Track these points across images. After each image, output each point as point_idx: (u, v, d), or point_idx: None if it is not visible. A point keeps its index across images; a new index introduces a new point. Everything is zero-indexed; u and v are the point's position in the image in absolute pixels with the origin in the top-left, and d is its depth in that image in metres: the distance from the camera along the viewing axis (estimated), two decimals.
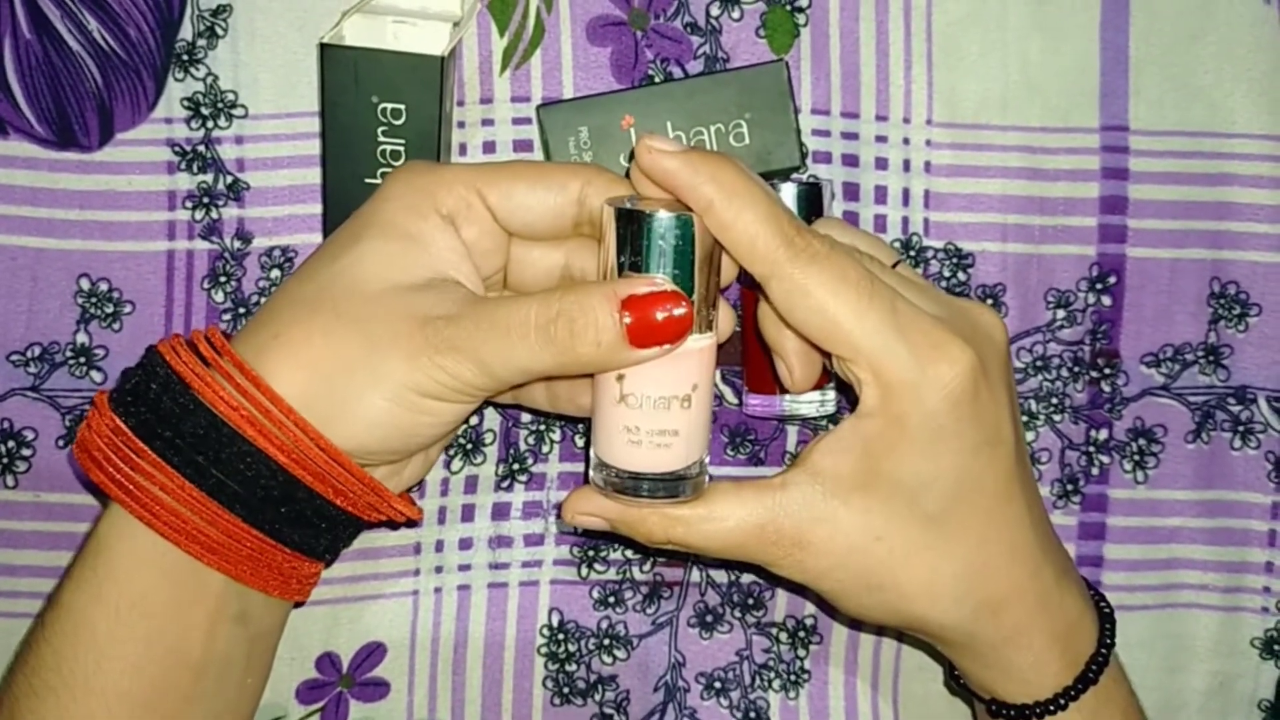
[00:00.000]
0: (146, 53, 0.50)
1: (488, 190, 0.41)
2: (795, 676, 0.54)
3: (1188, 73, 0.52)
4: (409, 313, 0.39)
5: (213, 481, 0.39)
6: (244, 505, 0.39)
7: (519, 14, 0.51)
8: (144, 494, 0.39)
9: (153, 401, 0.39)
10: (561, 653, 0.53)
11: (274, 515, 0.40)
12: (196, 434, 0.39)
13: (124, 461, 0.39)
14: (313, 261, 0.42)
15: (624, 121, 0.49)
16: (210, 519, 0.39)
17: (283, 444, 0.39)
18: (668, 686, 0.53)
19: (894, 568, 0.41)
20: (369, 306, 0.39)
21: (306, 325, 0.40)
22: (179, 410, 0.39)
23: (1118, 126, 0.52)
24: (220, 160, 0.51)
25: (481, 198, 0.41)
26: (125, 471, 0.39)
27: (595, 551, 0.53)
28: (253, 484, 0.39)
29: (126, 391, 0.40)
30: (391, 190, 0.41)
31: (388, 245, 0.40)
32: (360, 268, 0.40)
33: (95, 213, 0.51)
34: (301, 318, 0.40)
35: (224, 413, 0.39)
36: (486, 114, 0.51)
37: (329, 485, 0.40)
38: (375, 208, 0.41)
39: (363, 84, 0.47)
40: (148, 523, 0.39)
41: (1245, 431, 0.53)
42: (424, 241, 0.40)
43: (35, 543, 0.52)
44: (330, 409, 0.39)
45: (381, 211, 0.41)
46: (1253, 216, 0.53)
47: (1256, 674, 0.54)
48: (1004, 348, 0.43)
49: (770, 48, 0.51)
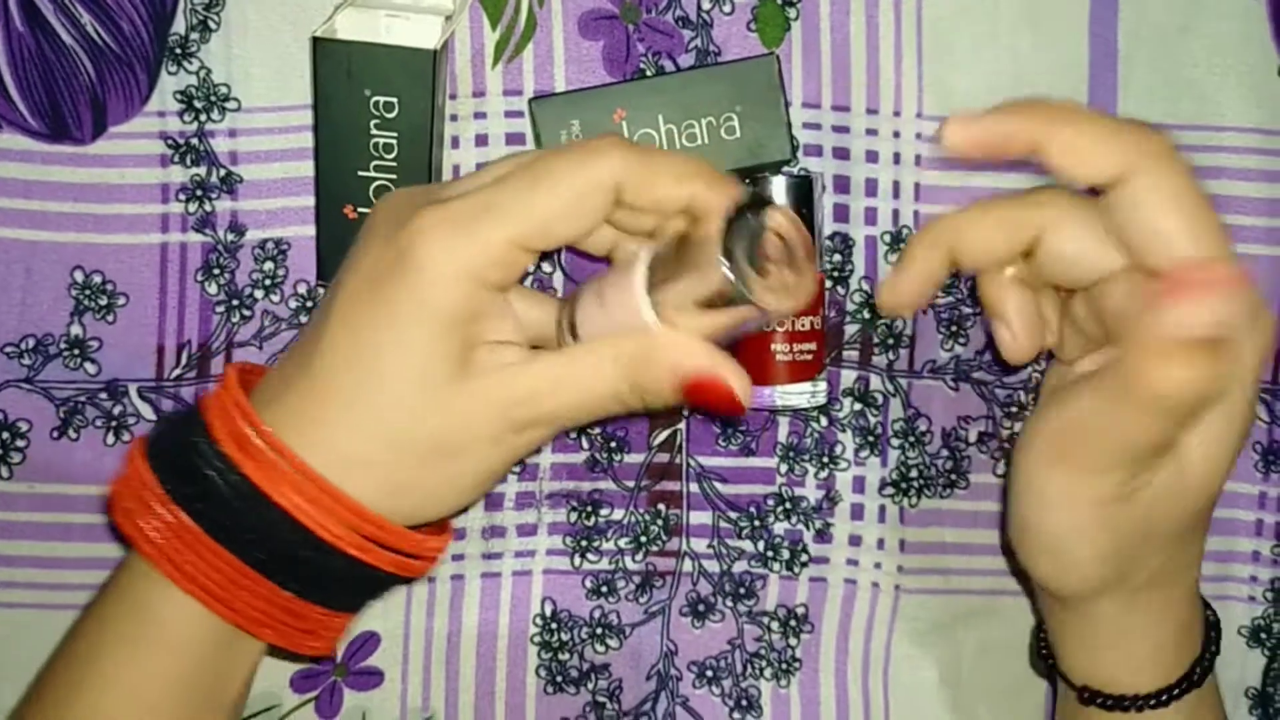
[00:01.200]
0: (139, 46, 0.51)
1: (528, 240, 0.39)
2: (787, 665, 0.54)
3: (1176, 65, 0.52)
4: (487, 411, 0.39)
5: (280, 575, 0.40)
6: (306, 587, 0.40)
7: (511, 7, 0.51)
8: (211, 584, 0.40)
9: (219, 499, 0.39)
10: (554, 642, 0.54)
11: (336, 591, 0.41)
12: (265, 531, 0.39)
13: (188, 549, 0.40)
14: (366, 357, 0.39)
15: (616, 115, 0.49)
16: (270, 599, 0.40)
17: (360, 544, 0.40)
18: (660, 675, 0.54)
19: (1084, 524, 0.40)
20: (451, 419, 0.39)
21: (401, 458, 0.40)
22: (248, 511, 0.39)
23: None
24: (213, 153, 0.51)
25: (524, 249, 0.39)
26: (192, 561, 0.40)
27: (588, 541, 0.53)
28: (323, 574, 0.40)
29: (182, 477, 0.40)
30: (434, 270, 0.38)
31: (449, 344, 0.39)
32: (430, 377, 0.39)
33: (89, 205, 0.51)
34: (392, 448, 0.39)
35: (303, 520, 0.39)
36: (479, 107, 0.51)
37: (399, 566, 0.41)
38: (419, 293, 0.38)
39: (355, 77, 0.47)
40: (215, 610, 0.40)
41: None
42: (480, 324, 0.39)
43: (30, 534, 0.52)
44: (415, 511, 0.41)
45: (430, 299, 0.38)
46: (1241, 209, 0.53)
47: (1243, 662, 0.55)
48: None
49: (761, 41, 0.52)
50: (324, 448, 0.39)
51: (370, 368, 0.39)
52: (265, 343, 0.52)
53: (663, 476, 0.53)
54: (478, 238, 0.38)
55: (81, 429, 0.52)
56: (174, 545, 0.40)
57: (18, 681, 0.52)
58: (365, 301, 0.39)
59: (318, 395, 0.40)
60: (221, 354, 0.52)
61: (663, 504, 0.53)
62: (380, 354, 0.39)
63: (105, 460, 0.52)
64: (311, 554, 0.39)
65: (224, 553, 0.39)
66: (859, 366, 0.53)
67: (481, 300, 0.39)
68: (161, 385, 0.52)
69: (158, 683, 0.41)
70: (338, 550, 0.39)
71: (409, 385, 0.39)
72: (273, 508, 0.39)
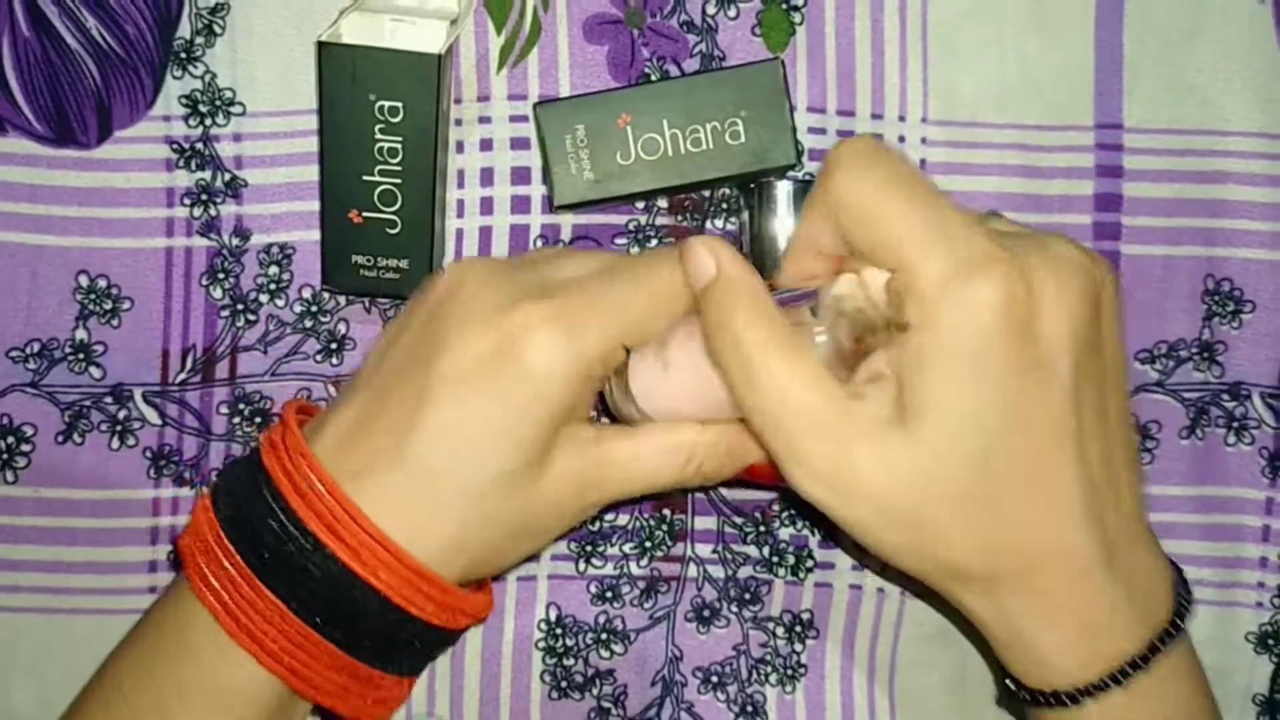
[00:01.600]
0: (145, 51, 0.51)
1: (628, 339, 0.41)
2: (792, 671, 0.54)
3: (1182, 71, 0.52)
4: (569, 494, 0.42)
5: (364, 651, 0.41)
6: (388, 660, 0.42)
7: (516, 12, 0.51)
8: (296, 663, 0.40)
9: (306, 580, 0.40)
10: (559, 647, 0.53)
11: (412, 656, 0.43)
12: (354, 610, 0.40)
13: (273, 627, 0.40)
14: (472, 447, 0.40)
15: (621, 119, 0.49)
16: (352, 673, 0.41)
17: (444, 617, 0.41)
18: (665, 681, 0.54)
19: (930, 506, 0.37)
20: (537, 505, 0.41)
21: (489, 541, 0.41)
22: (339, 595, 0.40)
23: (1112, 124, 0.52)
24: (218, 157, 0.51)
25: (624, 348, 0.41)
26: (275, 638, 0.40)
27: (593, 547, 0.53)
28: (405, 644, 0.41)
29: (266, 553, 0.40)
30: (548, 371, 0.40)
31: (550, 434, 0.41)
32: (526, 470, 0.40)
33: (94, 210, 0.51)
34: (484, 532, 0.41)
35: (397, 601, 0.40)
36: (484, 111, 0.51)
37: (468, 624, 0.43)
38: (534, 392, 0.40)
39: (360, 82, 0.47)
40: (296, 687, 0.41)
41: (1239, 427, 0.54)
42: (576, 412, 0.41)
43: (35, 538, 0.52)
44: (480, 574, 0.43)
45: (544, 398, 0.40)
46: (1246, 214, 0.53)
47: (1251, 668, 0.55)
48: (1083, 280, 0.37)
49: (766, 46, 0.52)
50: (417, 532, 0.40)
51: (470, 458, 0.40)
52: (270, 347, 0.52)
53: None
54: (588, 339, 0.40)
55: (86, 433, 0.52)
56: (257, 624, 0.40)
57: (22, 686, 0.52)
58: (470, 397, 0.40)
59: (411, 480, 0.40)
60: (226, 358, 0.52)
61: (667, 509, 0.53)
62: (482, 446, 0.40)
63: (110, 465, 0.52)
64: (401, 630, 0.41)
65: (308, 631, 0.40)
66: None
67: (583, 394, 0.41)
68: (166, 390, 0.52)
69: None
70: (426, 624, 0.41)
71: (504, 475, 0.40)
72: (367, 590, 0.40)
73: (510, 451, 0.40)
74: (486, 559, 0.42)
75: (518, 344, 0.39)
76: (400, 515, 0.40)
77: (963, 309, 0.36)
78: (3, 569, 0.52)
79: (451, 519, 0.40)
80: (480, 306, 0.41)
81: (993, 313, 0.36)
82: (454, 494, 0.40)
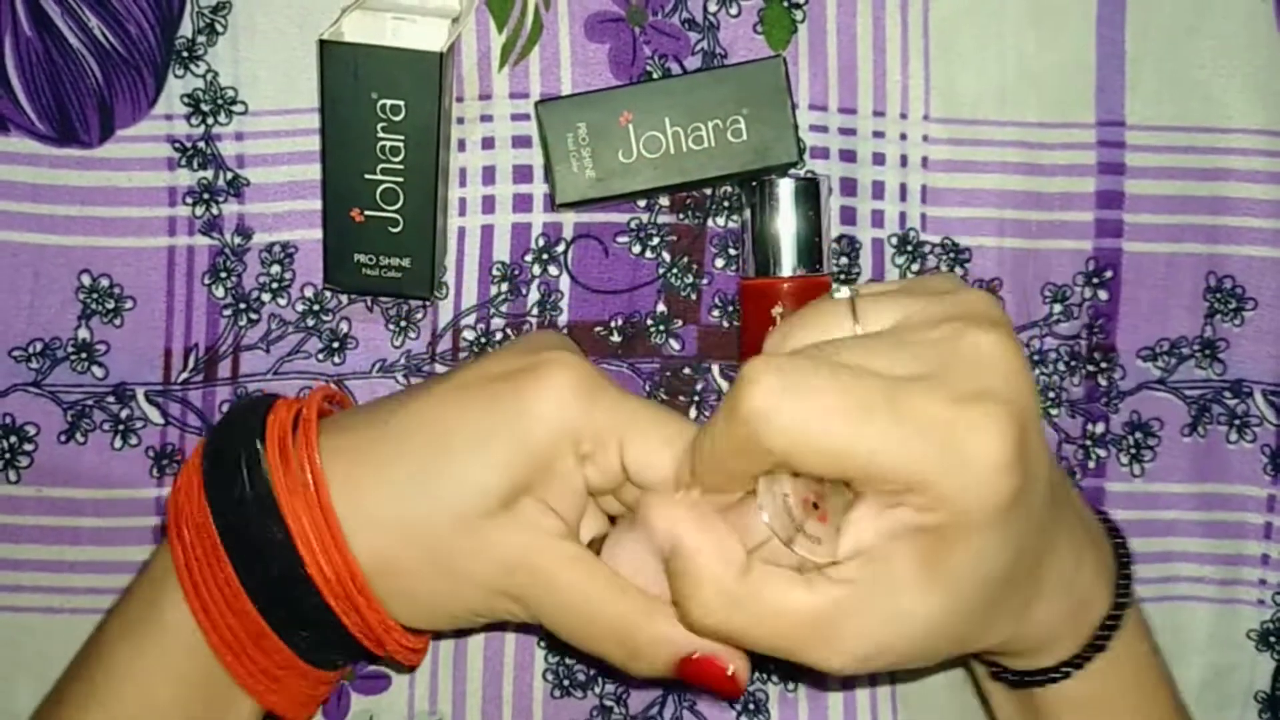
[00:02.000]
0: (147, 50, 0.51)
1: (628, 446, 0.39)
2: (795, 669, 0.54)
3: (1184, 67, 0.52)
4: (499, 558, 0.39)
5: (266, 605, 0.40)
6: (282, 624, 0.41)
7: (517, 10, 0.51)
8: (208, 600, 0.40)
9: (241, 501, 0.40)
10: (562, 644, 0.53)
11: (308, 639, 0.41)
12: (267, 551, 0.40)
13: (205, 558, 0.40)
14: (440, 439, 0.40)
15: (622, 117, 0.49)
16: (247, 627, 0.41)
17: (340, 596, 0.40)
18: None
19: (962, 643, 0.38)
20: (469, 544, 0.39)
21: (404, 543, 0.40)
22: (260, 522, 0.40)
23: (1114, 121, 0.52)
24: (220, 156, 0.51)
25: (619, 449, 0.39)
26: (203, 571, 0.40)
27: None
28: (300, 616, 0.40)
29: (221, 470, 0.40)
30: (541, 417, 0.39)
31: (515, 480, 0.39)
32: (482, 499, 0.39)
33: (96, 209, 0.51)
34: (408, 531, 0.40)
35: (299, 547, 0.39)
36: (485, 110, 0.51)
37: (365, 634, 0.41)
38: (522, 414, 0.39)
39: (362, 80, 0.47)
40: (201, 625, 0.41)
41: (1241, 425, 0.54)
42: (548, 481, 0.39)
43: (38, 537, 0.52)
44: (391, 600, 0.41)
45: (527, 427, 0.39)
46: (1248, 211, 0.53)
47: (1253, 666, 0.55)
48: (1017, 353, 0.36)
49: (768, 44, 0.52)
50: (353, 490, 0.40)
51: (438, 453, 0.39)
52: (272, 346, 0.52)
53: None
54: (598, 405, 0.39)
55: (89, 433, 0.52)
56: (192, 540, 0.40)
57: (27, 685, 0.52)
58: (470, 394, 0.40)
59: (377, 444, 0.40)
60: (229, 358, 0.52)
61: None
62: (454, 448, 0.39)
63: (113, 464, 0.52)
64: (293, 584, 0.40)
65: (221, 553, 0.40)
66: None
67: (563, 461, 0.39)
68: (169, 389, 0.52)
69: (169, 680, 0.41)
70: (316, 591, 0.40)
71: (459, 491, 0.39)
72: (280, 520, 0.39)
73: (478, 468, 0.39)
74: (397, 563, 0.40)
75: (535, 371, 0.39)
76: (347, 468, 0.40)
77: (974, 484, 0.34)
78: (6, 569, 0.52)
79: (388, 495, 0.39)
80: (533, 345, 0.41)
81: (998, 462, 0.34)
82: (405, 475, 0.39)
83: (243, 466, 0.40)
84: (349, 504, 0.40)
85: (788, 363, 0.34)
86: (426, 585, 0.40)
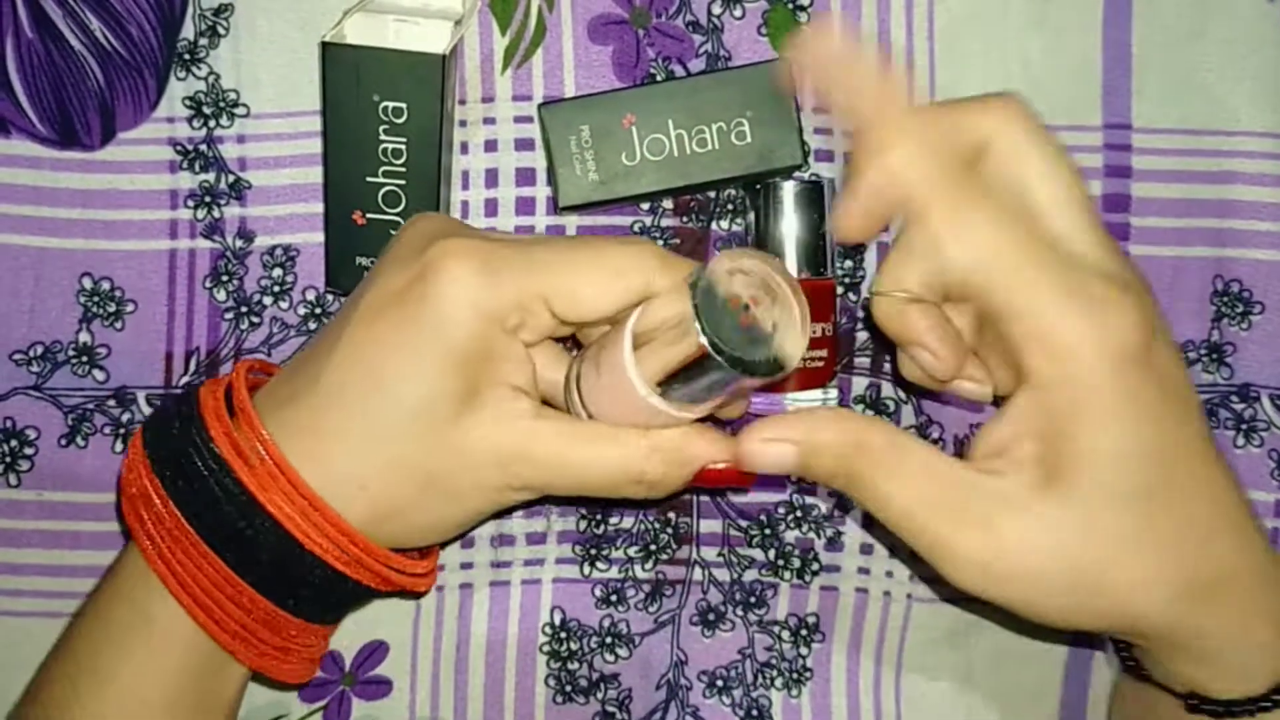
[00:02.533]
0: (148, 52, 0.51)
1: (553, 298, 0.39)
2: (798, 675, 0.54)
3: (1190, 70, 0.52)
4: (488, 458, 0.39)
5: (262, 583, 0.40)
6: (285, 596, 0.41)
7: (520, 12, 0.51)
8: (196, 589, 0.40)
9: (212, 501, 0.40)
10: (564, 651, 0.53)
11: (315, 602, 0.41)
12: (253, 537, 0.39)
13: (180, 549, 0.40)
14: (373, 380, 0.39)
15: (625, 120, 0.49)
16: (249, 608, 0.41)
17: (345, 559, 0.40)
18: (670, 685, 0.53)
19: (1103, 565, 0.36)
20: (451, 458, 0.39)
21: (394, 485, 0.40)
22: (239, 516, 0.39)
23: (1120, 124, 0.52)
24: (222, 159, 0.51)
25: (546, 305, 0.39)
26: (182, 562, 0.40)
27: (597, 550, 0.53)
28: (304, 584, 0.41)
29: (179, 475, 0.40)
30: (451, 301, 0.38)
31: (458, 380, 0.39)
32: (435, 409, 0.39)
33: (97, 212, 0.51)
34: (388, 474, 0.40)
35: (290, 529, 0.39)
36: (488, 112, 0.51)
37: (382, 582, 0.42)
38: (434, 322, 0.39)
39: (364, 83, 0.47)
40: (195, 616, 0.40)
41: (1249, 429, 0.53)
42: (493, 365, 0.39)
43: (38, 541, 0.52)
44: (396, 537, 0.41)
45: (443, 330, 0.39)
46: (1256, 214, 0.52)
47: None
48: (1145, 291, 0.37)
49: (772, 46, 0.51)
50: (320, 463, 0.39)
51: (375, 391, 0.39)
52: (274, 349, 0.52)
53: None
54: (504, 278, 0.39)
55: (90, 436, 0.52)
56: (168, 545, 0.40)
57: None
58: (379, 322, 0.39)
59: (321, 410, 0.40)
60: (230, 361, 0.52)
61: (673, 512, 0.53)
62: (387, 378, 0.39)
63: (113, 468, 0.52)
64: (295, 564, 0.40)
65: (212, 556, 0.39)
66: (871, 373, 0.53)
67: (497, 341, 0.39)
68: (170, 392, 0.52)
69: (153, 679, 0.41)
70: (322, 562, 0.40)
71: (411, 414, 0.39)
72: (263, 515, 0.39)
73: (416, 384, 0.39)
74: (394, 507, 0.40)
75: (430, 272, 0.39)
76: (307, 445, 0.39)
77: (1105, 356, 0.35)
78: (6, 573, 0.52)
79: (354, 452, 0.39)
80: (415, 245, 0.40)
81: (1133, 352, 0.35)
82: (358, 426, 0.39)
83: (200, 466, 0.39)
84: (322, 477, 0.39)
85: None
86: (429, 512, 0.41)
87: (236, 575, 0.40)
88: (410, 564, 0.42)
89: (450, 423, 0.39)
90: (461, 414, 0.39)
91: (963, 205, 0.36)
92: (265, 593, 0.40)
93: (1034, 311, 0.35)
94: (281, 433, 0.40)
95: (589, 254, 0.39)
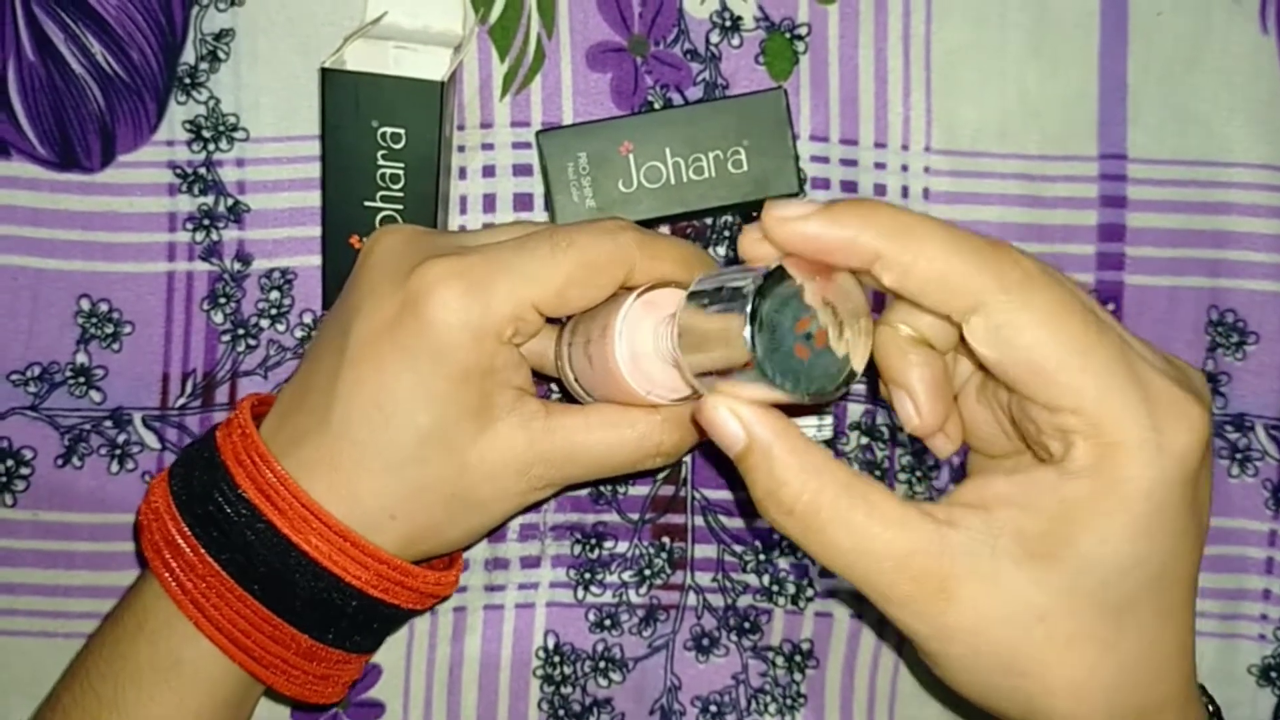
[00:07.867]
0: (149, 75, 0.51)
1: (542, 304, 0.40)
2: (791, 701, 0.54)
3: (1186, 101, 0.52)
4: (509, 468, 0.41)
5: (301, 620, 0.41)
6: (326, 631, 0.41)
7: (519, 39, 0.51)
8: (235, 631, 0.41)
9: (245, 547, 0.40)
10: (557, 675, 0.53)
11: (355, 632, 0.42)
12: (290, 578, 0.40)
13: (215, 594, 0.41)
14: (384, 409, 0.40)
15: (623, 147, 0.49)
16: (289, 644, 0.41)
17: (384, 586, 0.41)
18: (663, 709, 0.53)
19: (1047, 656, 0.33)
20: (472, 474, 0.41)
21: (422, 509, 0.41)
22: (274, 559, 0.40)
23: (1116, 155, 0.52)
24: (221, 182, 0.51)
25: (537, 311, 0.40)
26: (217, 606, 0.41)
27: (592, 574, 0.53)
28: (343, 616, 0.41)
29: (209, 523, 0.41)
30: (451, 338, 0.39)
31: (467, 399, 0.40)
32: (450, 432, 0.40)
33: (96, 234, 0.51)
34: (413, 500, 0.41)
35: (330, 568, 0.40)
36: (486, 138, 0.51)
37: (418, 602, 0.43)
38: (436, 346, 0.39)
39: (363, 108, 0.47)
40: (235, 658, 0.41)
41: (1243, 459, 0.53)
42: (495, 375, 0.40)
43: (33, 561, 0.52)
44: (429, 552, 0.43)
45: (446, 353, 0.39)
46: (1250, 245, 0.53)
47: (1254, 701, 0.54)
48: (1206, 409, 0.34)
49: (769, 75, 0.52)
50: (346, 499, 0.40)
51: (388, 422, 0.40)
52: (270, 372, 0.52)
53: (667, 509, 0.53)
54: (493, 297, 0.39)
55: (86, 457, 0.52)
56: (200, 590, 0.41)
57: (20, 709, 0.52)
58: (378, 355, 0.40)
59: (335, 447, 0.40)
60: (227, 383, 0.52)
61: (667, 537, 0.53)
62: (399, 409, 0.40)
63: (109, 488, 0.52)
64: (335, 597, 0.40)
65: (249, 599, 0.40)
66: (866, 400, 0.53)
67: (495, 354, 0.40)
68: (166, 414, 0.52)
69: (182, 717, 0.42)
70: (360, 592, 0.41)
71: (427, 439, 0.40)
72: (300, 555, 0.40)
73: (427, 410, 0.40)
74: (425, 528, 0.41)
75: (420, 300, 0.39)
76: (329, 481, 0.40)
77: (1157, 466, 0.32)
78: (1, 593, 0.52)
79: (377, 484, 0.40)
80: (392, 269, 0.41)
81: (1184, 467, 0.32)
82: (377, 458, 0.40)
83: (230, 513, 0.40)
84: (350, 512, 0.40)
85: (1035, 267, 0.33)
86: (456, 527, 0.42)
87: (274, 615, 0.40)
88: (444, 576, 0.43)
89: (467, 441, 0.40)
90: (476, 432, 0.40)
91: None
92: (304, 629, 0.41)
93: (1086, 394, 0.32)
94: (301, 472, 0.40)
95: (572, 255, 0.40)
